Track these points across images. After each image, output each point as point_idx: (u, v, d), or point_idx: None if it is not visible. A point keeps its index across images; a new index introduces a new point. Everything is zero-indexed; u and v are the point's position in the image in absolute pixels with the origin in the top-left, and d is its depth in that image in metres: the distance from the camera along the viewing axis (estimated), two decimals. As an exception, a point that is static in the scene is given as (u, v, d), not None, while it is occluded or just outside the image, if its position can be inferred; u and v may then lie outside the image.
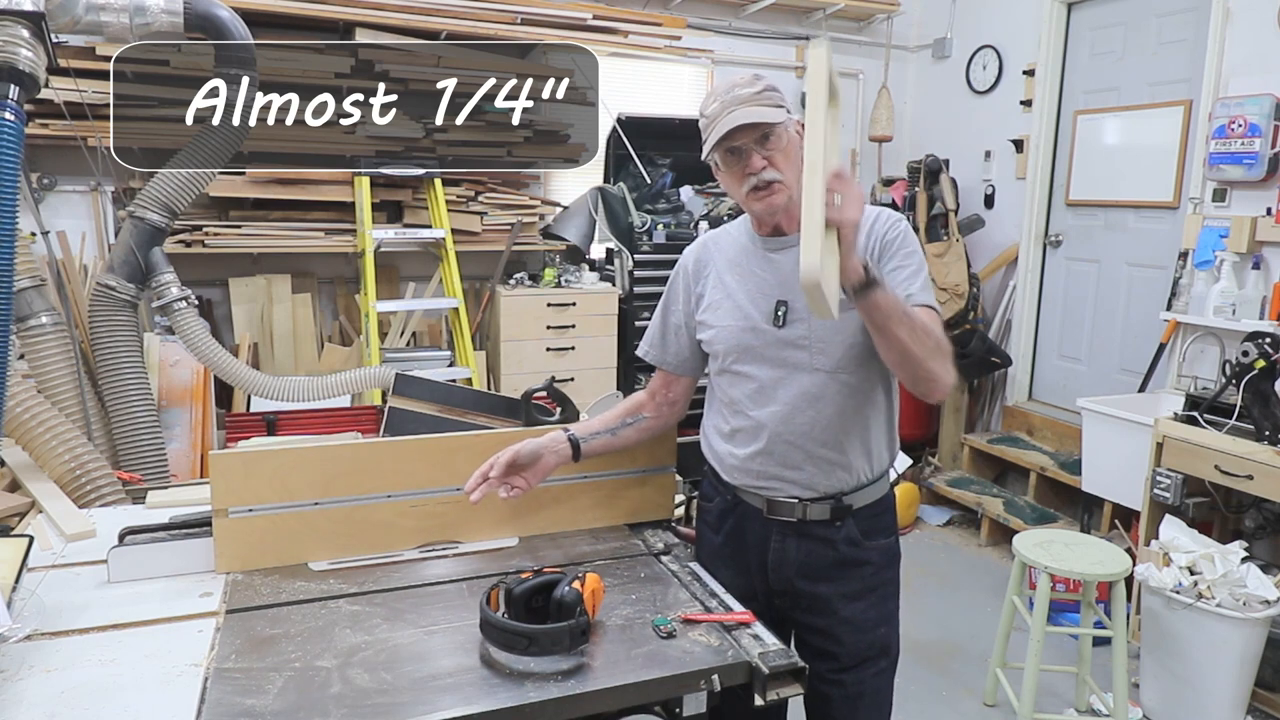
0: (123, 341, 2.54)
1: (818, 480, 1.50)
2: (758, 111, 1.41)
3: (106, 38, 2.24)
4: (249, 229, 3.65)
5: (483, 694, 1.17)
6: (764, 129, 1.42)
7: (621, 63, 4.54)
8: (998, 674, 2.82)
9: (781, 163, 1.44)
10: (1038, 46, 4.42)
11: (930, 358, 1.36)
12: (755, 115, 1.40)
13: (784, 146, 1.44)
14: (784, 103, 1.45)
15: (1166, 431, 2.98)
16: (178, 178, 2.51)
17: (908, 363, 1.36)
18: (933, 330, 1.37)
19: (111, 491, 2.02)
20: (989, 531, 4.14)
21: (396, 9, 3.66)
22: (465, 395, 1.94)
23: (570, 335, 4.12)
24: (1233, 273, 3.37)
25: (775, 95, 1.45)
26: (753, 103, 1.42)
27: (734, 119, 1.40)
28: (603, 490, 1.74)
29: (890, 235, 1.47)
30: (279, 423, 2.59)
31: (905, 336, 1.32)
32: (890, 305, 1.30)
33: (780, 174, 1.44)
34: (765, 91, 1.44)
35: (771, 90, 1.45)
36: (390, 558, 1.57)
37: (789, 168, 1.44)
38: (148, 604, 1.39)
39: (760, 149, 1.43)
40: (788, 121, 1.45)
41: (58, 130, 3.22)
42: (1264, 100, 3.25)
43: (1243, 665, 2.58)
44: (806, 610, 1.56)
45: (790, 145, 1.45)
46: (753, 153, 1.43)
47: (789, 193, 1.45)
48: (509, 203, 4.13)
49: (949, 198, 4.57)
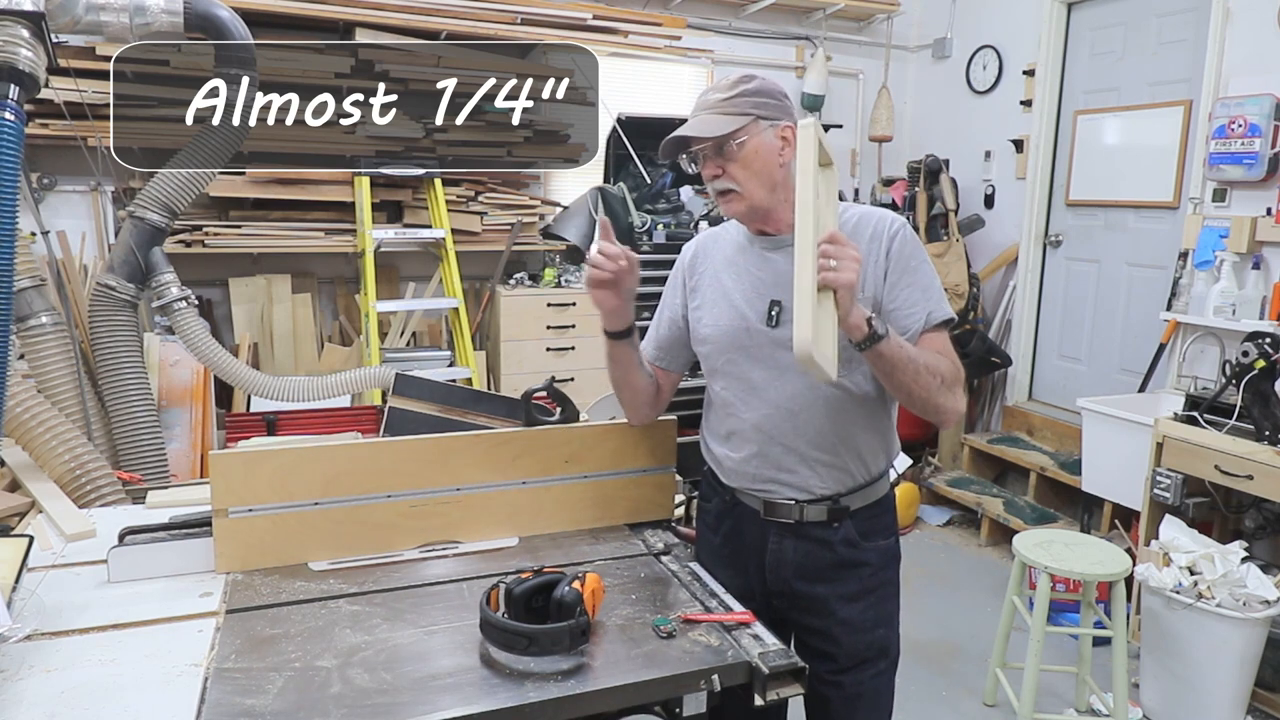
0: (123, 341, 2.54)
1: (813, 482, 1.50)
2: (710, 122, 1.41)
3: (106, 38, 2.24)
4: (249, 229, 3.65)
5: (483, 694, 1.17)
6: (717, 139, 1.41)
7: (621, 63, 4.54)
8: (998, 674, 2.82)
9: (737, 172, 1.43)
10: (1038, 46, 4.42)
11: (937, 394, 1.38)
12: (702, 127, 1.41)
13: (741, 156, 1.43)
14: (756, 110, 1.43)
15: (1166, 431, 2.98)
16: (178, 178, 2.51)
17: (914, 401, 1.40)
18: (941, 367, 1.39)
19: (111, 491, 2.02)
20: (989, 531, 4.14)
21: (396, 9, 3.66)
22: (465, 395, 1.94)
23: (570, 335, 4.12)
24: (1233, 273, 3.37)
25: (745, 102, 1.42)
26: (717, 109, 1.42)
27: (683, 129, 1.42)
28: (603, 490, 1.74)
29: (897, 246, 1.46)
30: (279, 423, 2.59)
31: (911, 381, 1.35)
32: (895, 354, 1.32)
33: (735, 184, 1.44)
34: (736, 98, 1.42)
35: (748, 95, 1.43)
36: (390, 558, 1.57)
37: (747, 176, 1.43)
38: (148, 604, 1.39)
39: (715, 158, 1.43)
40: (752, 129, 1.42)
41: (58, 130, 3.23)
42: (1264, 100, 3.25)
43: (1243, 665, 2.57)
44: (804, 611, 1.56)
45: (752, 154, 1.43)
46: (708, 160, 1.44)
47: (748, 201, 1.45)
48: (509, 203, 4.13)
49: (949, 198, 4.58)
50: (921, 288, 1.46)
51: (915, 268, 1.46)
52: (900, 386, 1.37)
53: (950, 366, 1.42)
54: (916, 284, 1.46)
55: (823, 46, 4.94)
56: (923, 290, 1.46)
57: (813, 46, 5.00)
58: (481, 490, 1.64)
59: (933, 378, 1.37)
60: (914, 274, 1.46)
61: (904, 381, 1.35)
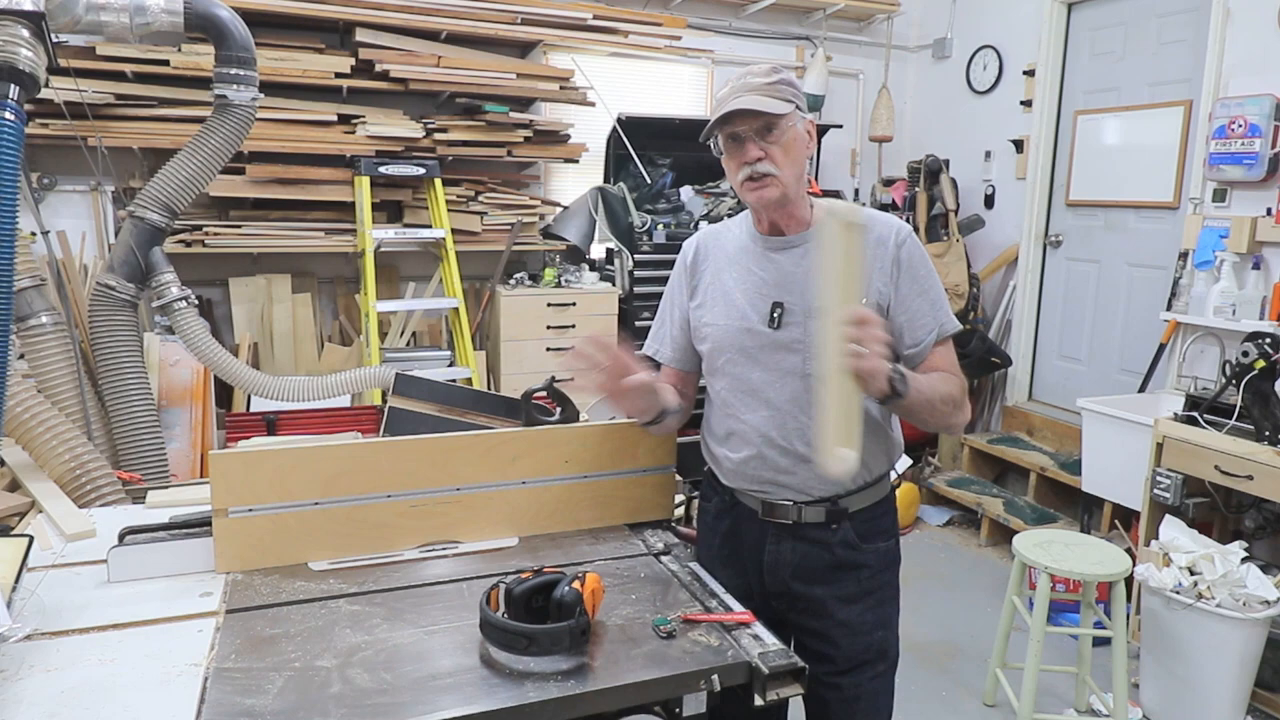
0: (123, 341, 2.54)
1: (811, 484, 1.50)
2: (763, 101, 1.40)
3: (106, 38, 2.23)
4: (249, 229, 3.65)
5: (483, 694, 1.17)
6: (766, 119, 1.41)
7: (621, 63, 4.55)
8: (998, 674, 2.82)
9: (779, 157, 1.43)
10: (1038, 46, 4.42)
11: (949, 418, 1.45)
12: (759, 104, 1.40)
13: (785, 141, 1.43)
14: (796, 98, 1.45)
15: (1166, 432, 2.98)
16: (178, 177, 2.51)
17: (928, 428, 1.49)
18: (952, 391, 1.45)
19: (111, 491, 2.02)
20: (989, 531, 4.13)
21: (396, 9, 3.66)
22: (465, 395, 1.94)
23: (570, 335, 4.12)
24: (1233, 273, 3.37)
25: (788, 89, 1.44)
26: (762, 92, 1.41)
27: (737, 102, 1.40)
28: (603, 490, 1.74)
29: (906, 256, 1.48)
30: (279, 423, 2.60)
31: (928, 415, 1.42)
32: (914, 403, 1.37)
33: (776, 169, 1.43)
34: (778, 84, 1.43)
35: (786, 84, 1.44)
36: (390, 558, 1.57)
37: (787, 163, 1.43)
38: (148, 604, 1.39)
39: (759, 140, 1.42)
40: (794, 116, 1.44)
41: (58, 130, 3.23)
42: (1264, 100, 3.25)
43: (1243, 665, 2.57)
44: (802, 613, 1.56)
45: (793, 141, 1.44)
46: (751, 142, 1.43)
47: (782, 188, 1.44)
48: (509, 203, 4.13)
49: (949, 198, 4.58)
50: (931, 300, 1.49)
51: (924, 278, 1.49)
52: (917, 421, 1.44)
53: (958, 385, 1.47)
54: (926, 296, 1.48)
55: (823, 46, 4.94)
56: (932, 303, 1.49)
57: (813, 46, 5.00)
58: (481, 490, 1.64)
59: (946, 405, 1.43)
60: (924, 285, 1.48)
61: (922, 418, 1.42)
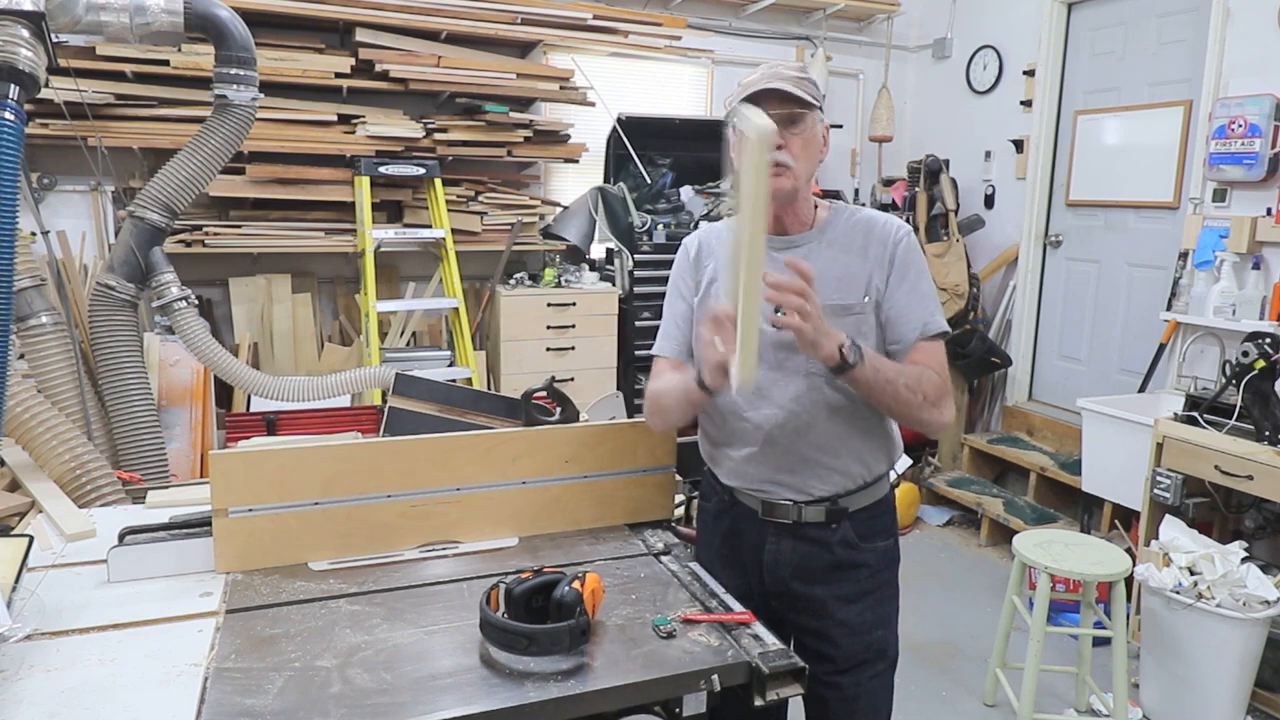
0: (123, 341, 2.54)
1: (812, 484, 1.50)
2: (795, 90, 1.42)
3: (106, 38, 2.23)
4: (249, 229, 3.65)
5: (483, 694, 1.17)
6: (792, 111, 1.43)
7: (621, 63, 4.54)
8: (998, 674, 2.82)
9: (798, 150, 1.45)
10: (1038, 46, 4.42)
11: (919, 411, 1.43)
12: (792, 87, 1.42)
13: (807, 137, 1.46)
14: (819, 101, 1.47)
15: (1166, 432, 2.98)
16: (178, 177, 2.51)
17: (896, 416, 1.49)
18: (925, 383, 1.42)
19: (111, 491, 2.02)
20: (989, 531, 4.13)
21: (396, 9, 3.66)
22: (465, 395, 1.94)
23: (570, 335, 4.12)
24: (1233, 273, 3.37)
25: (813, 88, 1.47)
26: (794, 84, 1.43)
27: (772, 83, 1.42)
28: (603, 490, 1.74)
29: (901, 253, 1.49)
30: (279, 423, 2.59)
31: (891, 400, 1.40)
32: (871, 378, 1.37)
33: (794, 159, 1.44)
34: (806, 82, 1.46)
35: (813, 84, 1.47)
36: (390, 558, 1.57)
37: (804, 158, 1.46)
38: (148, 604, 1.39)
39: (788, 128, 1.43)
40: (817, 116, 1.47)
41: (58, 130, 3.23)
42: (1264, 100, 3.25)
43: (1243, 665, 2.58)
44: (802, 612, 1.56)
45: (813, 139, 1.47)
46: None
47: (796, 182, 1.46)
48: (509, 203, 4.13)
49: (949, 198, 4.58)
50: (920, 297, 1.49)
51: (916, 276, 1.49)
52: (880, 404, 1.43)
53: (936, 382, 1.45)
54: (915, 293, 1.49)
55: (823, 46, 4.94)
56: (920, 300, 1.49)
57: (813, 46, 5.00)
58: (481, 490, 1.64)
59: (914, 395, 1.40)
60: (914, 283, 1.49)
61: (883, 401, 1.42)
